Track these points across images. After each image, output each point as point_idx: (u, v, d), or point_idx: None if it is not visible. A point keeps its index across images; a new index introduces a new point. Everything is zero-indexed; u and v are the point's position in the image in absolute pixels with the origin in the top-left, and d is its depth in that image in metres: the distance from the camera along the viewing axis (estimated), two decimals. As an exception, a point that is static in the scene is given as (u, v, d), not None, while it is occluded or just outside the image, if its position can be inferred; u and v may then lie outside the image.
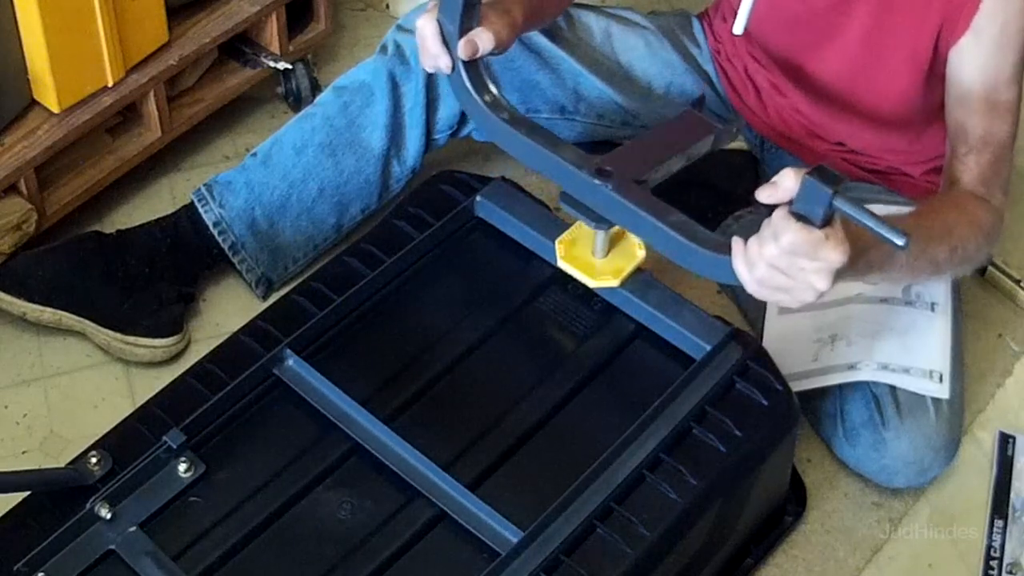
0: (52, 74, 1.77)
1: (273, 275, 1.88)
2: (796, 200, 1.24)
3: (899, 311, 1.69)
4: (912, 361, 1.66)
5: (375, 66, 1.84)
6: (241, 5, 2.00)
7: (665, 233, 1.38)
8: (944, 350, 1.68)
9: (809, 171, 1.22)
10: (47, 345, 1.82)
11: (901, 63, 1.65)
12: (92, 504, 1.33)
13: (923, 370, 1.65)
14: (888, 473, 1.67)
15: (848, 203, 1.20)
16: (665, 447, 1.41)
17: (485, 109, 1.52)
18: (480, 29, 1.48)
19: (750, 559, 1.62)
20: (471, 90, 1.51)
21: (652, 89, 1.91)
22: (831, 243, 1.24)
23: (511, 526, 1.34)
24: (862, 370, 1.65)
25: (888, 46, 1.65)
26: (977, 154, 1.56)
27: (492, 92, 1.53)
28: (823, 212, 1.22)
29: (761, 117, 1.86)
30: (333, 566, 1.34)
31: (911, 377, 1.65)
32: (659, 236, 1.39)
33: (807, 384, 1.67)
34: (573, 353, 1.54)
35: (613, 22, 1.92)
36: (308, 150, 1.84)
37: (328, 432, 1.43)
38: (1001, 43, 1.55)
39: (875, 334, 1.67)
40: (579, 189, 1.45)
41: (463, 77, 1.51)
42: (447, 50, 1.49)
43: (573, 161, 1.45)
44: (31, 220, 1.81)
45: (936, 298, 1.71)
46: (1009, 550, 1.67)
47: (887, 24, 1.63)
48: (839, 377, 1.66)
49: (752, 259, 1.30)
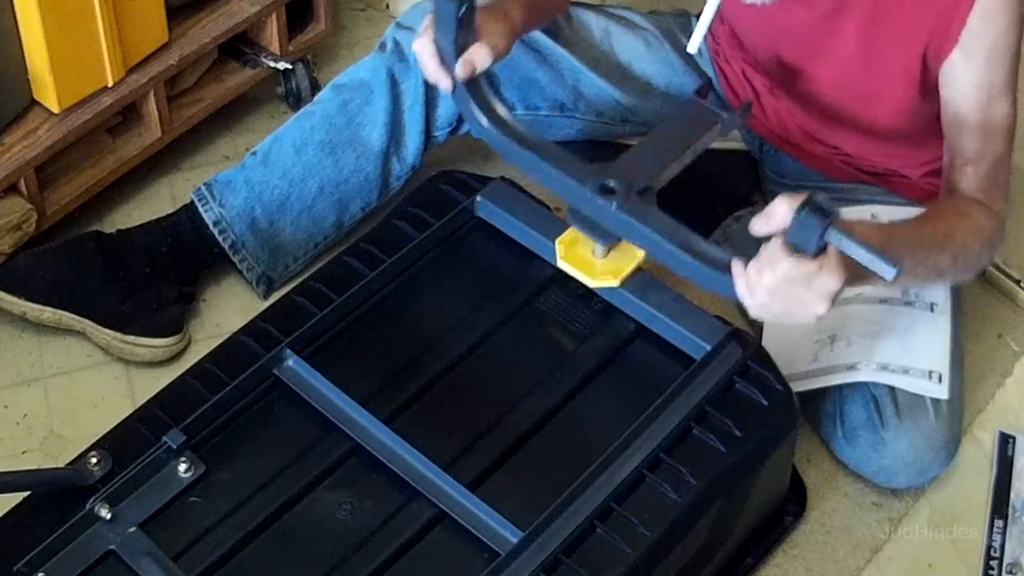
0: (52, 74, 1.77)
1: (273, 274, 1.88)
2: (789, 232, 1.25)
3: (898, 311, 1.69)
4: (911, 361, 1.66)
5: (374, 64, 1.84)
6: (241, 5, 2.00)
7: (670, 250, 1.40)
8: (944, 350, 1.68)
9: (801, 203, 1.23)
10: (47, 345, 1.82)
11: (894, 78, 1.64)
12: (92, 504, 1.33)
13: (922, 370, 1.65)
14: (888, 474, 1.67)
15: (840, 235, 1.22)
16: (665, 447, 1.41)
17: (488, 125, 1.52)
18: (476, 46, 1.48)
19: (750, 559, 1.62)
20: (474, 107, 1.52)
21: (651, 87, 1.91)
22: (825, 272, 1.26)
23: (511, 526, 1.34)
24: (862, 370, 1.65)
25: (879, 61, 1.63)
26: (975, 166, 1.57)
27: (494, 108, 1.53)
28: (816, 243, 1.24)
29: (760, 119, 1.86)
30: (333, 566, 1.34)
31: (910, 378, 1.64)
32: (664, 252, 1.41)
33: (807, 385, 1.67)
34: (573, 353, 1.54)
35: (612, 21, 1.92)
36: (308, 148, 1.84)
37: (328, 432, 1.43)
38: (990, 59, 1.54)
39: (874, 334, 1.67)
40: (584, 204, 1.46)
41: (465, 95, 1.51)
42: (447, 70, 1.49)
43: (577, 177, 1.46)
44: (31, 220, 1.81)
45: (935, 298, 1.71)
46: (1009, 550, 1.67)
47: (878, 39, 1.61)
48: (839, 378, 1.66)
49: (751, 285, 1.31)
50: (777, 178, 1.91)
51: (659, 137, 1.55)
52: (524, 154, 1.50)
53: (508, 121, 1.53)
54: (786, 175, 1.90)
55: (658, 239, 1.41)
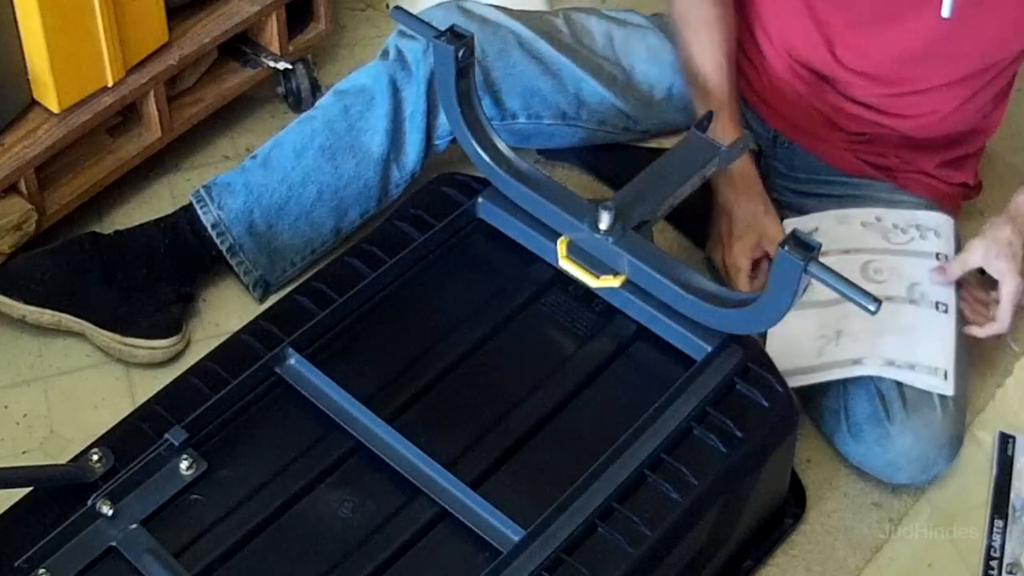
0: (52, 74, 1.77)
1: (271, 278, 1.88)
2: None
3: (903, 309, 1.70)
4: (917, 358, 1.66)
5: (376, 70, 1.84)
6: (241, 5, 2.00)
7: (666, 285, 1.47)
8: (949, 348, 1.69)
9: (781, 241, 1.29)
10: (47, 345, 1.82)
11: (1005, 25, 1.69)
12: (94, 501, 1.33)
13: (928, 367, 1.66)
14: (892, 469, 1.68)
15: (822, 270, 1.28)
16: (666, 447, 1.41)
17: (488, 160, 1.57)
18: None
19: (750, 560, 1.63)
20: (474, 143, 1.56)
21: (654, 94, 1.92)
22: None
23: (513, 525, 1.34)
24: (867, 365, 1.66)
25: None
26: None
27: (494, 143, 1.58)
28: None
29: (776, 108, 1.87)
30: (335, 564, 1.34)
31: (916, 373, 1.65)
32: (660, 287, 1.48)
33: (811, 379, 1.67)
34: (574, 353, 1.54)
35: (615, 25, 1.92)
36: (308, 153, 1.84)
37: (330, 431, 1.43)
38: None
39: (879, 331, 1.67)
40: (581, 239, 1.51)
41: (464, 130, 1.56)
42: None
43: (574, 212, 1.50)
44: (31, 220, 1.81)
45: (940, 297, 1.72)
46: (1009, 550, 1.68)
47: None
48: (843, 372, 1.67)
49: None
50: (787, 171, 1.92)
51: (658, 170, 1.58)
52: (522, 189, 1.55)
53: (507, 155, 1.57)
54: (797, 168, 1.91)
55: (654, 274, 1.46)
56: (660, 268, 1.47)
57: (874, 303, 1.26)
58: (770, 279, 1.33)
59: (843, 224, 1.80)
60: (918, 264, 1.75)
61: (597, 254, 1.50)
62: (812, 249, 1.27)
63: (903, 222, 1.79)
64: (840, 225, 1.80)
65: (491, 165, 1.57)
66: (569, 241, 1.51)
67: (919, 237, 1.77)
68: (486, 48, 1.81)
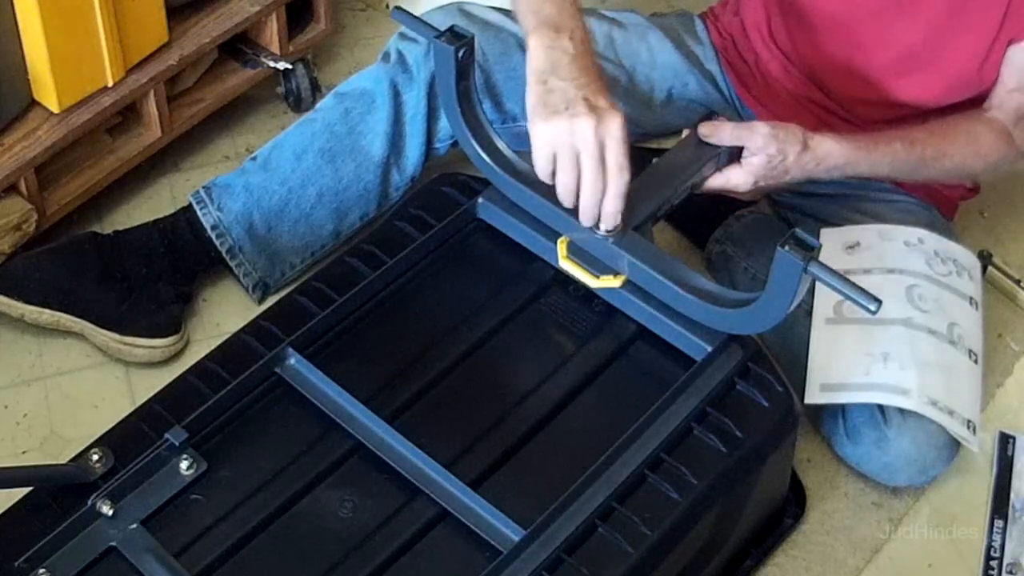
0: (52, 74, 1.77)
1: (269, 280, 1.88)
2: (771, 272, 1.32)
3: (943, 348, 1.67)
4: (954, 405, 1.64)
5: (377, 74, 1.83)
6: (241, 5, 2.00)
7: (665, 284, 1.47)
8: (976, 400, 1.67)
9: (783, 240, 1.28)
10: (47, 345, 1.82)
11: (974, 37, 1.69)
12: (94, 501, 1.33)
13: (963, 417, 1.64)
14: (890, 471, 1.68)
15: (821, 269, 1.27)
16: (666, 447, 1.41)
17: (488, 160, 1.57)
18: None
19: (750, 560, 1.63)
20: (474, 143, 1.56)
21: (654, 96, 1.91)
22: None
23: (513, 525, 1.33)
24: (912, 398, 1.62)
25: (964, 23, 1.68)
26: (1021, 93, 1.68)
27: (494, 143, 1.57)
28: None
29: (771, 109, 1.87)
30: (335, 564, 1.34)
31: (952, 420, 1.63)
32: (658, 287, 1.48)
33: (861, 397, 1.65)
34: (575, 353, 1.53)
35: (615, 27, 1.92)
36: (308, 155, 1.83)
37: (330, 430, 1.43)
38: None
39: (924, 365, 1.64)
40: (581, 238, 1.51)
41: (464, 130, 1.56)
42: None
43: (574, 213, 1.49)
44: (31, 220, 1.81)
45: (974, 346, 1.70)
46: (1009, 550, 1.68)
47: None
48: (890, 399, 1.63)
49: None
50: None
51: (658, 170, 1.58)
52: (522, 190, 1.55)
53: (507, 156, 1.57)
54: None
55: (654, 274, 1.47)
56: (660, 268, 1.47)
57: (874, 303, 1.25)
58: (770, 279, 1.33)
59: (886, 241, 1.76)
60: (956, 304, 1.71)
61: (597, 254, 1.51)
62: (812, 249, 1.27)
63: (943, 251, 1.75)
64: (884, 242, 1.76)
65: (491, 165, 1.57)
66: (569, 241, 1.51)
67: (956, 273, 1.74)
68: (487, 51, 1.80)
